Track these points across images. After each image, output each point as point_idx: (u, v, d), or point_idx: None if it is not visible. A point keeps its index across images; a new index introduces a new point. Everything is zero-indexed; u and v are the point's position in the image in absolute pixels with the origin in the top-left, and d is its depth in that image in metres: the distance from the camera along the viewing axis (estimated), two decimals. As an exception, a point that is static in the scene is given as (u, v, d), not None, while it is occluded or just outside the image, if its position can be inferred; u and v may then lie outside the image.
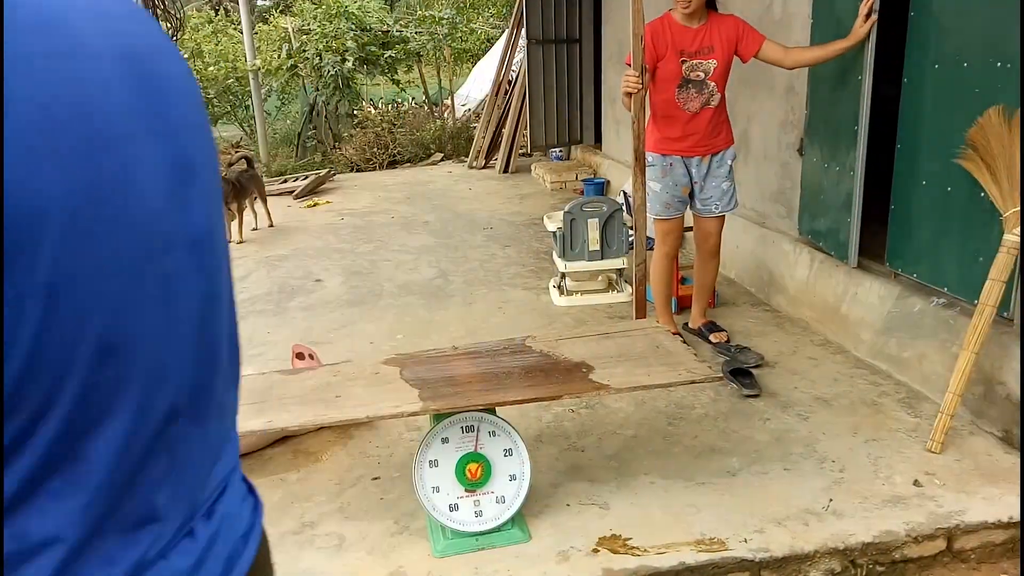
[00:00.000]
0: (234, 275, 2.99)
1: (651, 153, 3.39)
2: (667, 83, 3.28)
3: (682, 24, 3.23)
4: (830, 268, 3.62)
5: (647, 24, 3.12)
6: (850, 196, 3.28)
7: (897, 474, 2.44)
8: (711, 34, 3.23)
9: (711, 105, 3.29)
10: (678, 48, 3.22)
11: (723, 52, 3.23)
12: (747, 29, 3.26)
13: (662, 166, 3.41)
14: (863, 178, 3.22)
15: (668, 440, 2.72)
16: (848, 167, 3.28)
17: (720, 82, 3.28)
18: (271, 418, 2.05)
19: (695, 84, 3.26)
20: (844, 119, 3.30)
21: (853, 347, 3.37)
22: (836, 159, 3.41)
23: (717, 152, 3.41)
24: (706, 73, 3.24)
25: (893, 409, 2.86)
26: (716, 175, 3.43)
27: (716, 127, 3.36)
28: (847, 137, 3.28)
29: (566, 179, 7.78)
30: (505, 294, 4.48)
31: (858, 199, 3.24)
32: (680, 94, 3.28)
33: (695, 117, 3.30)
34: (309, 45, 10.73)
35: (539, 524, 2.25)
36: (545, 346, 2.45)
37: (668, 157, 3.40)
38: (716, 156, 3.41)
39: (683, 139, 3.36)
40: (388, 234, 6.11)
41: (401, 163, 10.14)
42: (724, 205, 3.47)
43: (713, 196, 3.45)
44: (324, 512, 2.38)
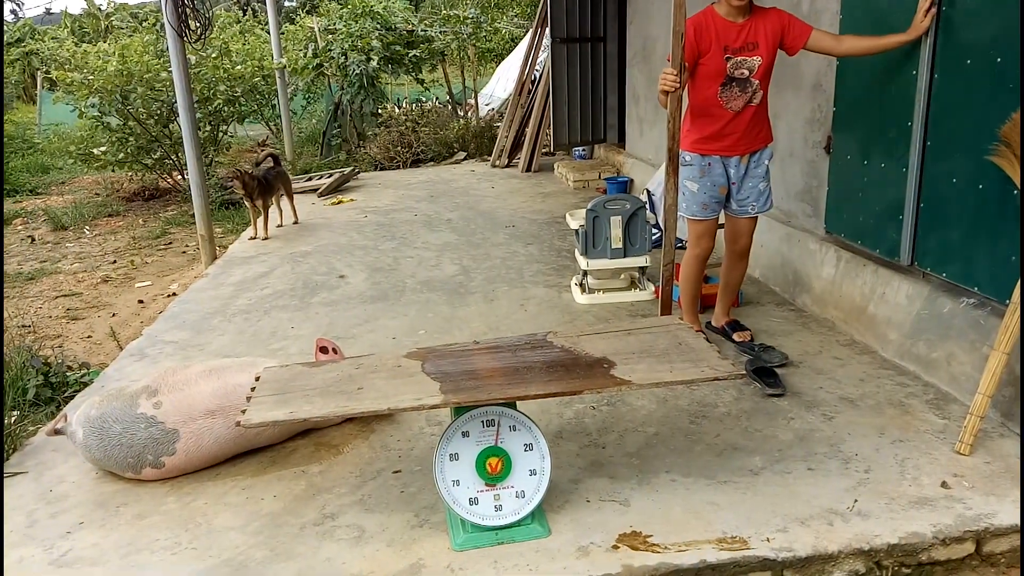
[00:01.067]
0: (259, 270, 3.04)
1: (689, 152, 3.30)
2: (709, 81, 3.15)
3: (726, 19, 3.09)
4: (857, 267, 3.57)
5: (689, 18, 3.05)
6: (900, 194, 3.15)
7: (924, 475, 2.39)
8: (756, 29, 3.09)
9: (753, 103, 3.18)
10: (722, 44, 3.08)
11: (768, 48, 3.10)
12: (792, 20, 3.12)
13: (700, 166, 3.30)
14: (919, 176, 3.09)
15: (690, 438, 2.69)
16: (899, 164, 3.15)
17: (764, 80, 3.15)
18: (293, 409, 2.06)
19: (739, 82, 3.13)
20: (894, 115, 3.17)
21: (880, 347, 3.32)
22: (881, 156, 3.28)
23: (755, 151, 3.30)
24: (750, 71, 3.11)
25: (921, 410, 2.81)
26: (754, 175, 3.32)
27: (756, 126, 3.25)
28: (898, 134, 3.15)
29: (589, 178, 7.77)
30: (527, 291, 4.48)
31: (913, 197, 3.11)
32: (723, 93, 3.15)
33: (737, 116, 3.18)
34: (335, 44, 10.82)
35: (559, 519, 2.24)
36: (566, 341, 2.44)
37: (707, 157, 3.28)
38: (754, 155, 3.31)
39: (723, 138, 3.24)
40: (411, 231, 6.14)
41: (424, 162, 10.19)
42: (760, 206, 3.37)
43: (750, 197, 3.35)
44: (345, 504, 2.39)
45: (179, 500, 2.46)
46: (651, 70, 6.80)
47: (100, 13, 29.13)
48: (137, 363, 3.66)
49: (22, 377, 3.40)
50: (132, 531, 2.30)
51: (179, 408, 2.56)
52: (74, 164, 10.65)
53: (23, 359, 3.54)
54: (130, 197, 9.59)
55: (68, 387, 3.51)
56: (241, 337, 3.95)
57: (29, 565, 2.17)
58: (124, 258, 6.82)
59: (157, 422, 2.52)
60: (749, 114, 3.19)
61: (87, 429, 2.53)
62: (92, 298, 5.67)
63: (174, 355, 3.74)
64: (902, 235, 3.20)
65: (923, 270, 3.14)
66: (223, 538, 2.24)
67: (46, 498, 2.51)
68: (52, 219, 8.23)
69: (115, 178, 10.06)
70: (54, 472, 2.68)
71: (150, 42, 9.26)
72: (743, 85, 3.14)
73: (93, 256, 6.97)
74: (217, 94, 8.91)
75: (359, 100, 10.73)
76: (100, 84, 8.30)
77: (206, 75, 8.83)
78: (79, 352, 4.41)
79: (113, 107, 8.59)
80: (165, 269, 6.42)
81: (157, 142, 8.80)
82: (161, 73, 8.36)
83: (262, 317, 4.25)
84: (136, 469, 2.52)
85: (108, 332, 4.67)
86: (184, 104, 5.51)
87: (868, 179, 3.40)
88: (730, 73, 3.12)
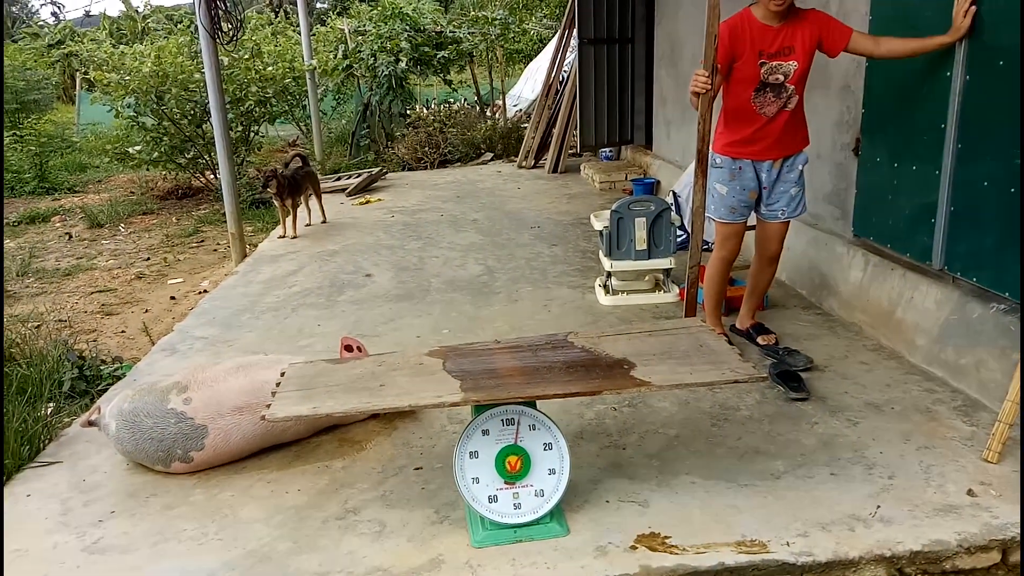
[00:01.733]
0: (288, 268, 3.10)
1: (719, 155, 3.26)
2: (743, 85, 3.09)
3: (763, 22, 3.03)
4: (885, 271, 3.52)
5: (725, 21, 3.00)
6: (933, 197, 3.10)
7: (950, 483, 2.36)
8: (793, 33, 3.02)
9: (788, 109, 3.12)
10: (757, 48, 3.03)
11: (804, 53, 3.03)
12: (831, 22, 3.04)
13: (731, 169, 3.26)
14: (952, 178, 3.03)
15: (711, 441, 2.69)
16: (932, 167, 3.09)
17: (800, 85, 3.10)
18: (317, 404, 2.10)
19: (773, 88, 3.07)
20: (925, 117, 3.12)
21: (907, 352, 3.28)
22: (913, 159, 3.23)
23: (789, 156, 3.24)
24: (785, 76, 3.05)
25: (948, 417, 2.77)
26: (786, 180, 3.26)
27: (791, 130, 3.19)
28: (930, 136, 3.09)
29: (615, 179, 7.75)
30: (550, 292, 4.49)
31: (946, 200, 3.05)
32: (756, 98, 3.10)
33: (770, 121, 3.13)
34: (364, 46, 10.93)
35: (578, 519, 2.25)
36: (587, 342, 2.45)
37: (738, 160, 3.24)
38: (788, 160, 3.25)
39: (755, 142, 3.19)
40: (437, 232, 6.19)
41: (451, 162, 10.25)
42: (791, 211, 3.31)
43: (780, 202, 3.29)
44: (367, 499, 2.43)
45: (206, 492, 2.52)
46: (679, 72, 6.77)
47: (137, 15, 29.72)
48: (168, 358, 3.74)
49: (58, 370, 3.50)
50: (161, 521, 2.36)
51: (208, 404, 2.61)
52: (110, 163, 10.89)
53: (59, 353, 3.63)
54: (164, 196, 9.78)
55: (102, 380, 3.60)
56: (269, 334, 4.02)
57: (63, 551, 2.24)
58: (157, 255, 6.97)
59: (187, 418, 2.58)
60: (783, 119, 3.14)
61: (119, 422, 2.60)
62: (126, 294, 5.80)
63: (204, 351, 3.82)
64: (934, 239, 3.15)
65: (953, 275, 3.09)
66: (248, 530, 2.29)
67: (79, 487, 2.59)
68: (89, 216, 8.43)
69: (149, 177, 10.27)
70: (87, 462, 2.75)
71: (184, 44, 9.44)
72: (777, 91, 3.08)
73: (127, 253, 7.13)
74: (249, 95, 9.04)
75: (388, 101, 10.83)
76: (136, 85, 8.48)
77: (238, 76, 8.97)
78: (112, 346, 4.51)
79: (148, 107, 8.77)
80: (196, 266, 6.55)
81: (190, 142, 8.97)
82: (195, 74, 8.51)
83: (289, 314, 4.31)
84: (165, 463, 2.59)
85: (141, 327, 4.77)
86: (216, 105, 5.61)
87: (898, 182, 3.36)
88: (764, 79, 3.07)
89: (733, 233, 3.40)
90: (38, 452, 2.83)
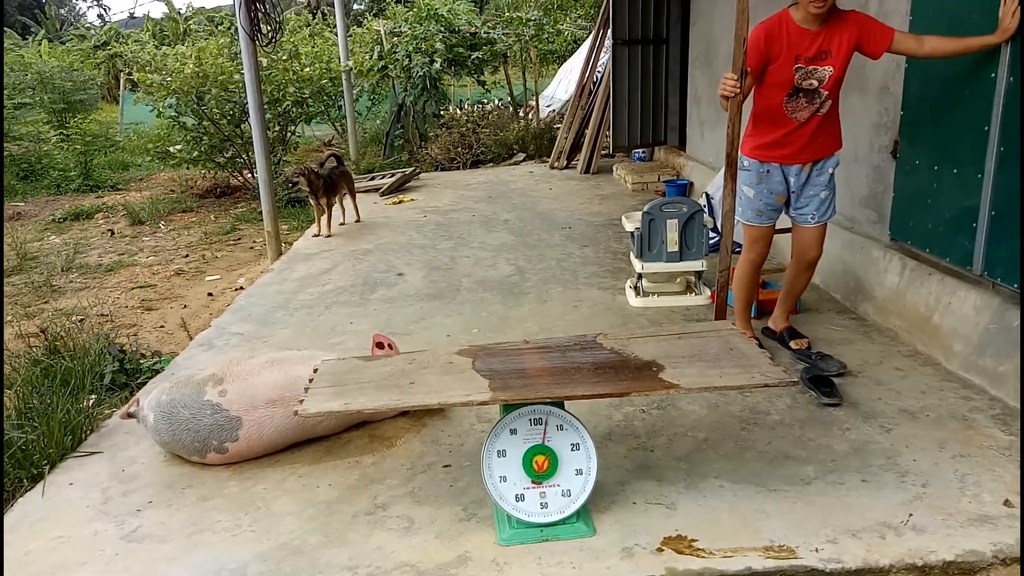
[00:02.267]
0: (322, 267, 3.16)
1: (747, 158, 3.22)
2: (776, 89, 3.03)
3: (801, 26, 2.95)
4: (922, 276, 3.46)
5: (761, 23, 2.95)
6: (975, 201, 3.04)
7: (986, 492, 2.31)
8: (831, 37, 2.93)
9: (820, 114, 3.05)
10: (794, 52, 2.96)
11: (841, 58, 2.95)
12: (872, 25, 2.94)
13: (758, 172, 3.21)
14: (994, 182, 2.96)
15: (741, 445, 2.67)
16: (974, 170, 3.04)
17: (834, 91, 3.03)
18: (348, 400, 2.14)
19: (806, 93, 3.01)
20: (968, 119, 3.06)
21: (944, 359, 3.21)
22: (953, 162, 3.17)
23: (819, 160, 3.18)
24: (820, 81, 2.97)
25: (985, 425, 2.71)
26: (815, 183, 3.19)
27: (822, 134, 3.12)
28: (972, 138, 3.03)
29: (648, 180, 7.72)
30: (580, 293, 4.49)
31: (987, 204, 2.99)
32: (789, 103, 3.04)
33: (801, 126, 3.07)
34: (399, 47, 11.03)
35: (604, 520, 2.25)
36: (616, 343, 2.45)
37: (766, 164, 3.19)
38: (818, 164, 3.18)
39: (784, 146, 3.13)
40: (468, 232, 6.22)
41: (484, 163, 10.29)
42: (820, 215, 3.24)
43: (810, 206, 3.22)
44: (396, 495, 2.46)
45: (240, 484, 2.58)
46: (713, 72, 6.71)
47: (179, 16, 30.36)
48: (205, 353, 3.83)
49: (100, 363, 3.60)
50: (196, 512, 2.43)
51: (243, 397, 2.67)
52: (151, 161, 11.16)
53: (101, 346, 3.74)
54: (203, 194, 10.00)
55: (141, 374, 3.70)
56: (303, 331, 4.09)
57: (103, 539, 2.31)
58: (196, 252, 7.12)
59: (222, 409, 2.64)
60: (815, 124, 3.07)
61: (157, 414, 2.68)
62: (165, 290, 5.94)
63: (240, 346, 3.90)
64: (975, 243, 3.09)
65: (993, 280, 3.03)
66: (280, 523, 2.34)
67: (119, 477, 2.67)
68: (130, 214, 8.65)
69: (189, 175, 10.50)
70: (127, 453, 2.83)
71: (224, 45, 9.63)
72: (811, 96, 3.02)
73: (167, 250, 7.30)
74: (286, 96, 9.20)
75: (422, 101, 10.91)
76: (177, 85, 8.68)
77: (276, 77, 9.13)
78: (152, 341, 4.63)
79: (189, 107, 8.97)
80: (233, 264, 6.68)
81: (229, 141, 9.15)
82: (234, 75, 8.68)
83: (323, 312, 4.38)
84: (201, 453, 2.65)
85: (179, 323, 4.89)
86: (255, 106, 5.72)
87: (938, 185, 3.29)
88: (798, 84, 3.00)
89: (760, 236, 3.37)
90: (80, 442, 2.92)
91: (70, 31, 32.01)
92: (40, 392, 3.25)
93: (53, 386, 3.33)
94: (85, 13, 43.68)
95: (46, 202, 10.25)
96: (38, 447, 2.80)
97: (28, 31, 32.96)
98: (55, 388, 3.30)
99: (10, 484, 2.69)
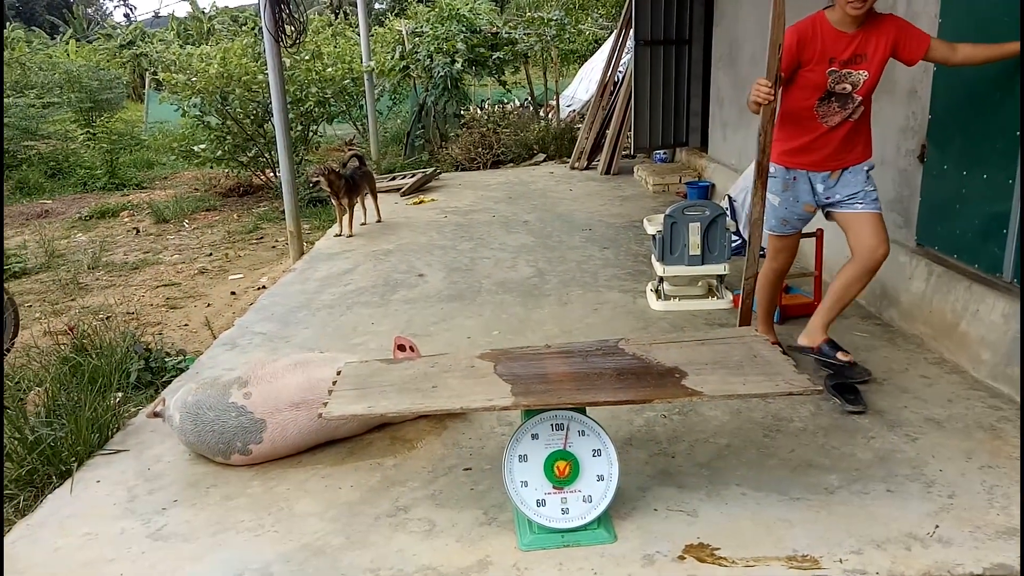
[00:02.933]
0: (343, 267, 3.18)
1: (773, 164, 3.07)
2: (807, 92, 2.90)
3: (837, 28, 2.84)
4: (949, 282, 3.41)
5: (794, 25, 2.86)
6: (1005, 207, 2.98)
7: (1014, 505, 2.28)
8: (867, 40, 2.81)
9: (852, 119, 2.92)
10: (828, 55, 2.84)
11: (877, 62, 2.83)
12: (909, 29, 2.84)
13: (784, 179, 3.09)
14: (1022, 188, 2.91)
15: (763, 452, 2.65)
16: (1005, 176, 2.98)
17: (867, 95, 2.90)
18: (371, 403, 2.15)
19: (839, 97, 2.89)
20: (998, 124, 3.01)
21: (972, 367, 3.17)
22: (983, 167, 3.12)
23: (849, 167, 3.02)
24: (854, 86, 2.85)
25: (1013, 435, 2.67)
26: (850, 182, 3.01)
27: (852, 141, 2.97)
28: (1002, 143, 2.99)
29: (669, 182, 7.68)
30: (601, 295, 4.48)
31: (1018, 210, 2.93)
32: (820, 107, 2.93)
33: (830, 131, 2.95)
34: (421, 47, 11.06)
35: (625, 526, 2.25)
36: (638, 349, 2.45)
37: (792, 171, 3.07)
38: (848, 171, 3.02)
39: (811, 152, 3.01)
40: (488, 232, 6.23)
41: (504, 163, 10.30)
42: (868, 201, 2.98)
43: (853, 196, 2.99)
44: (417, 498, 2.48)
45: (263, 484, 2.61)
46: (737, 73, 6.66)
47: (203, 16, 30.66)
48: (229, 352, 3.87)
49: (126, 361, 3.65)
50: (220, 511, 2.46)
51: (267, 399, 2.70)
52: (176, 160, 11.30)
53: (127, 344, 3.80)
54: (226, 193, 10.10)
55: (166, 372, 3.75)
56: (324, 331, 4.12)
57: (130, 536, 2.34)
58: (219, 251, 7.20)
59: (247, 411, 2.67)
60: (845, 129, 2.94)
61: (183, 414, 2.71)
62: (189, 288, 6.02)
63: (262, 346, 3.94)
64: (1005, 250, 3.04)
65: (1022, 287, 2.98)
66: (303, 523, 2.36)
67: (144, 475, 2.71)
68: (155, 212, 8.77)
69: (213, 174, 10.61)
70: (152, 452, 2.87)
71: (248, 45, 9.73)
72: (843, 101, 2.89)
73: (191, 248, 7.39)
74: (309, 96, 9.27)
75: (443, 102, 10.94)
76: (202, 86, 8.78)
77: (299, 77, 9.20)
78: (176, 339, 4.69)
79: (213, 107, 9.07)
80: (256, 263, 6.75)
81: (252, 141, 9.24)
82: (258, 75, 8.77)
83: (344, 312, 4.41)
84: (225, 454, 2.69)
85: (203, 321, 4.95)
86: (278, 106, 5.78)
87: (967, 190, 3.24)
88: (831, 87, 2.89)
89: (784, 246, 3.27)
90: (107, 440, 2.97)
91: (97, 30, 32.47)
92: (68, 389, 3.31)
93: (81, 384, 3.38)
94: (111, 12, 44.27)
95: (73, 200, 10.42)
96: (67, 444, 2.84)
97: (56, 30, 33.50)
98: (83, 386, 3.36)
99: (39, 480, 2.74)
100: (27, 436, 2.84)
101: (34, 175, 11.44)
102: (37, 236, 7.94)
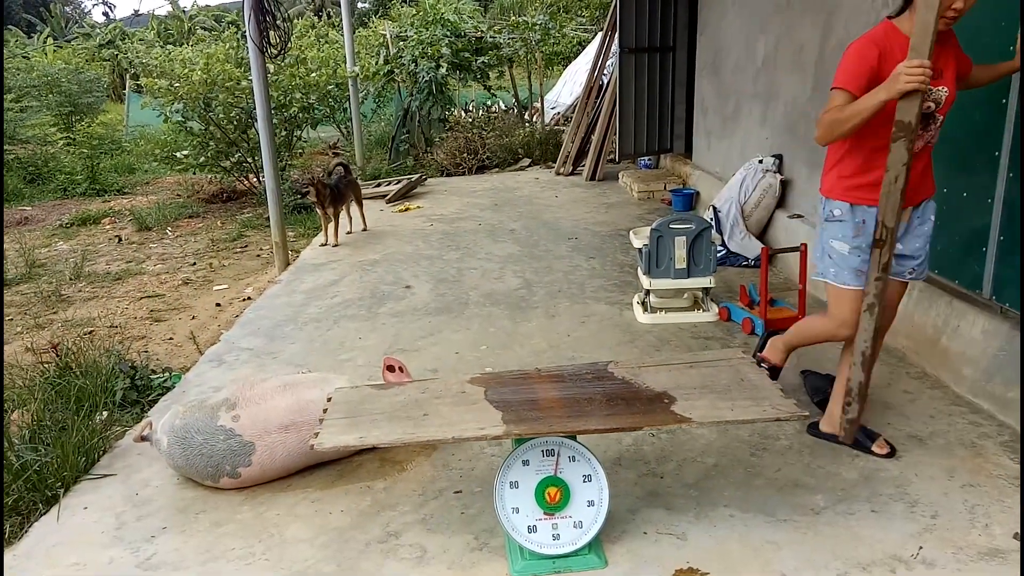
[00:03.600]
0: (330, 278, 3.18)
1: (839, 202, 2.59)
2: (890, 114, 2.36)
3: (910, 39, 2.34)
4: (931, 297, 3.47)
5: (867, 36, 2.47)
6: (985, 225, 3.05)
7: (996, 524, 2.32)
8: (939, 54, 2.40)
9: (932, 144, 2.57)
10: None
11: (950, 78, 2.49)
12: (959, 45, 2.58)
13: (854, 223, 2.57)
14: (1005, 207, 2.96)
15: (750, 472, 2.68)
16: (984, 195, 3.03)
17: (945, 115, 2.54)
18: (363, 434, 2.15)
19: (923, 118, 2.43)
20: (979, 144, 3.07)
21: (953, 382, 3.22)
22: (963, 186, 3.19)
23: (919, 204, 2.63)
24: (936, 104, 2.47)
25: (994, 453, 2.72)
26: (918, 234, 2.65)
27: (928, 170, 2.62)
28: (982, 163, 3.04)
29: (654, 188, 7.72)
30: (588, 308, 4.50)
31: (997, 229, 2.99)
32: None
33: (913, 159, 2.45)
34: (405, 52, 11.03)
35: (616, 551, 2.27)
36: (627, 373, 2.47)
37: (859, 209, 2.56)
38: (917, 209, 2.63)
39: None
40: (475, 242, 6.24)
41: (489, 168, 10.30)
42: (921, 271, 2.72)
43: (915, 259, 2.68)
44: (408, 522, 2.48)
45: (253, 509, 2.60)
46: (721, 80, 6.71)
47: (184, 15, 30.33)
48: (215, 369, 3.85)
49: (111, 380, 3.62)
50: (210, 538, 2.45)
51: (255, 422, 2.70)
52: (158, 165, 11.18)
53: (112, 363, 3.76)
54: (209, 199, 10.02)
55: (152, 390, 3.72)
56: (311, 346, 4.11)
57: (119, 566, 2.33)
58: (203, 260, 7.15)
59: (235, 434, 2.66)
60: (926, 156, 2.58)
61: (171, 438, 2.70)
62: (173, 300, 5.97)
63: (249, 362, 3.92)
64: (984, 267, 3.10)
65: (1001, 305, 3.04)
66: (294, 550, 2.36)
67: (133, 501, 2.69)
68: (137, 219, 8.67)
69: (195, 180, 10.52)
70: (140, 476, 2.86)
71: (232, 48, 9.65)
72: (926, 122, 2.48)
73: (175, 257, 7.32)
74: (293, 101, 9.21)
75: (427, 106, 10.92)
76: (185, 91, 8.70)
77: (282, 83, 9.14)
78: (161, 353, 4.65)
79: (196, 113, 8.99)
80: (240, 272, 6.70)
81: (235, 146, 9.17)
82: (241, 81, 8.70)
83: (331, 326, 4.40)
84: (214, 478, 2.68)
85: (188, 335, 4.91)
86: (263, 115, 5.74)
87: (947, 208, 3.30)
88: None
89: (857, 301, 2.61)
90: (94, 463, 2.94)
91: (75, 29, 32.04)
92: (53, 411, 3.28)
93: (66, 405, 3.35)
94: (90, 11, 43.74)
95: (53, 206, 10.28)
96: (52, 468, 2.82)
97: (33, 29, 33.02)
98: (68, 407, 3.33)
99: (25, 507, 2.72)
100: (12, 461, 2.81)
101: (12, 180, 11.28)
102: (17, 244, 7.84)
